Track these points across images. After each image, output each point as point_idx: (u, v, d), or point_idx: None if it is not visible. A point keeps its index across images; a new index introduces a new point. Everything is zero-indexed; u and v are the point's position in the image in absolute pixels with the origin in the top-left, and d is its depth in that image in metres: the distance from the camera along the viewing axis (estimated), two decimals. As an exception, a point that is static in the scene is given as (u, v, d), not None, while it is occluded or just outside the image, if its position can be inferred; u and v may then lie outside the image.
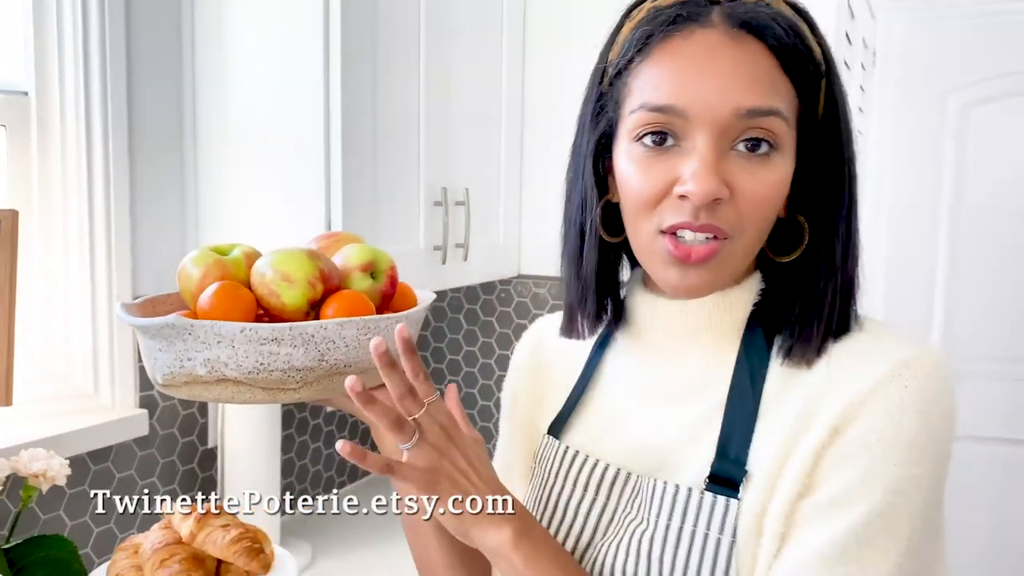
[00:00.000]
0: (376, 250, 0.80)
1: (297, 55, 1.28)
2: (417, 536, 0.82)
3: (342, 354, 0.70)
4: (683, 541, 0.64)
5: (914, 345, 0.64)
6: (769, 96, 0.62)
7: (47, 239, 1.27)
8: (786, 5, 0.67)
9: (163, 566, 1.03)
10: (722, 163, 0.62)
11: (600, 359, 0.78)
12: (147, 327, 0.69)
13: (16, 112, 1.23)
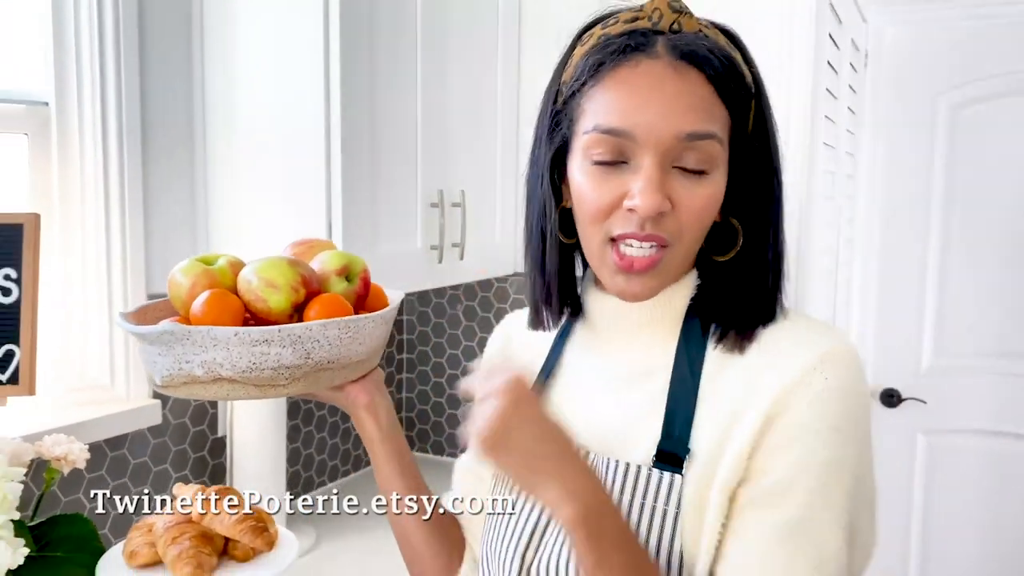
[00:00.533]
0: (350, 255, 0.88)
1: (298, 64, 1.35)
2: (400, 524, 0.91)
3: (325, 352, 0.77)
4: (633, 513, 0.70)
5: (832, 338, 0.71)
6: (706, 121, 0.69)
7: (66, 241, 1.35)
8: (721, 35, 0.74)
9: (175, 543, 1.11)
10: (665, 180, 0.69)
11: (561, 350, 0.85)
12: (147, 334, 0.76)
13: (37, 121, 1.32)
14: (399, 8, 1.46)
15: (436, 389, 2.07)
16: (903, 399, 2.57)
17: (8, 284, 1.21)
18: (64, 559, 1.11)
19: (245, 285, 0.81)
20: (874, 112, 2.52)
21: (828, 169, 1.99)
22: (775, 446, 0.68)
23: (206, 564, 1.10)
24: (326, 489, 1.85)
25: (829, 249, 2.12)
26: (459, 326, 2.02)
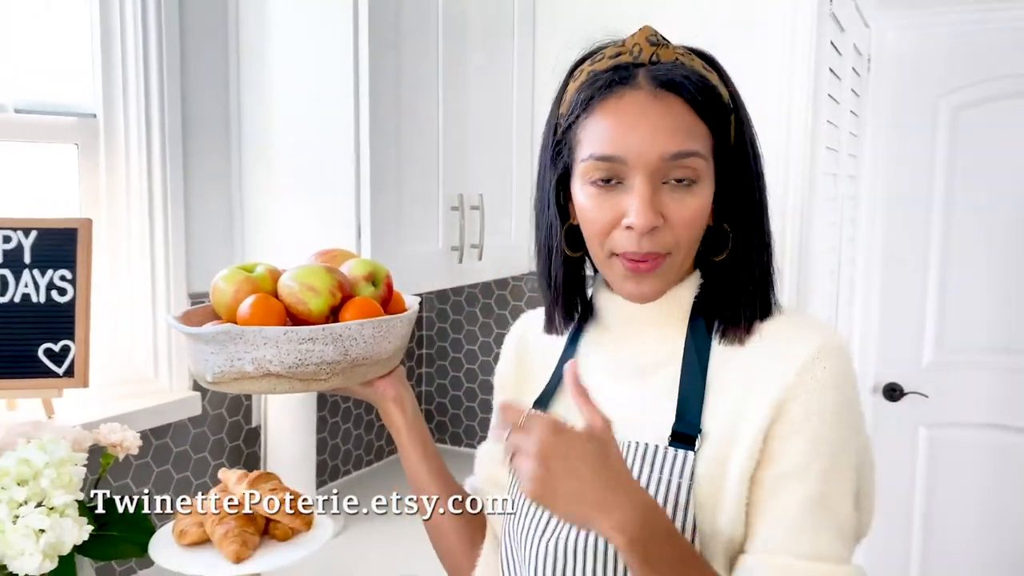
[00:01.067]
0: (375, 263, 0.97)
1: (329, 77, 1.44)
2: (420, 490, 0.98)
3: (361, 349, 0.86)
4: (651, 486, 0.79)
5: (824, 333, 0.81)
6: (688, 141, 0.78)
7: (113, 244, 1.44)
8: (698, 59, 0.83)
9: (221, 523, 1.21)
10: (656, 197, 0.78)
11: (575, 346, 0.93)
12: (203, 334, 0.84)
13: (86, 133, 1.41)
14: (422, 27, 1.54)
15: (454, 383, 2.16)
16: (905, 393, 2.65)
17: (64, 284, 1.31)
18: (120, 538, 1.21)
19: (287, 290, 0.90)
20: (876, 114, 2.60)
21: (830, 171, 2.07)
22: (788, 432, 0.77)
23: (250, 542, 1.20)
24: (351, 478, 1.95)
25: (832, 248, 2.20)
26: (476, 323, 2.11)
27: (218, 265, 1.53)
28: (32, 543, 1.02)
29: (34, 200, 1.40)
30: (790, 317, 0.84)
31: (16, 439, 1.15)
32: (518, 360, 1.01)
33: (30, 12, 1.37)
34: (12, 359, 1.28)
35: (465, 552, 0.98)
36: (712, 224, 0.84)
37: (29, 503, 1.04)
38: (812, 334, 0.80)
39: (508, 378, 1.01)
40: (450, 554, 0.99)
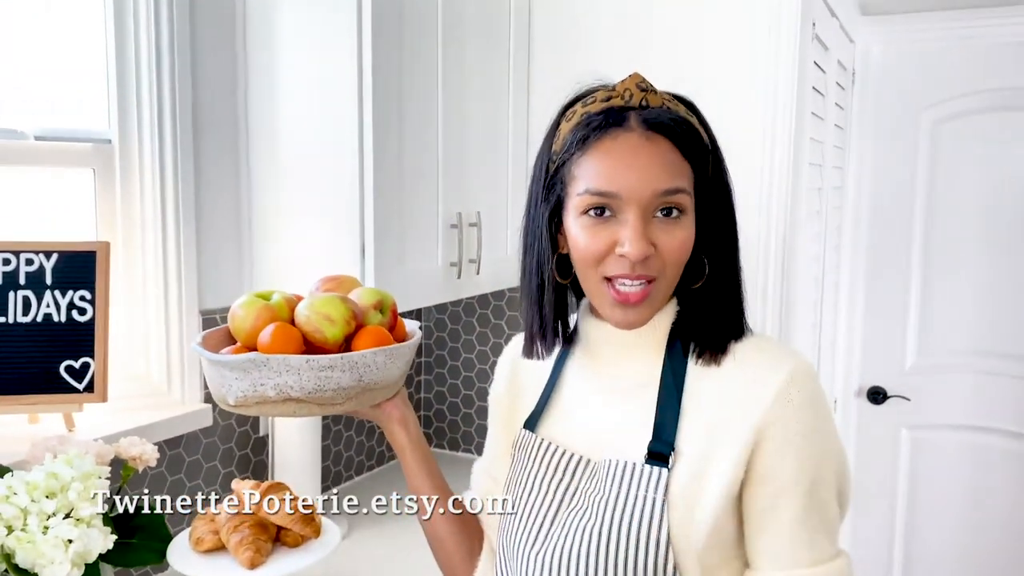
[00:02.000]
0: (381, 291, 1.02)
1: (335, 106, 1.50)
2: (436, 540, 1.05)
3: (374, 375, 0.93)
4: (628, 500, 0.86)
5: (793, 357, 0.88)
6: (675, 178, 0.85)
7: (130, 264, 1.51)
8: (681, 105, 0.90)
9: (236, 531, 1.28)
10: (647, 228, 0.85)
11: (562, 368, 1.00)
12: (229, 362, 0.88)
13: (102, 158, 1.48)
14: (423, 55, 1.61)
15: (452, 390, 2.24)
16: (888, 396, 2.73)
17: (84, 304, 1.38)
18: (139, 545, 1.28)
19: (304, 319, 0.95)
20: (861, 127, 2.67)
21: (815, 186, 2.15)
22: (772, 453, 0.84)
23: (263, 549, 1.27)
24: (354, 482, 2.02)
25: (816, 258, 2.28)
26: (473, 332, 2.19)
27: (229, 284, 1.61)
28: (62, 552, 1.09)
29: (53, 223, 1.47)
30: (760, 342, 0.91)
31: (43, 453, 1.22)
32: (511, 382, 1.07)
33: (48, 42, 1.44)
34: (35, 376, 1.35)
35: (464, 562, 1.04)
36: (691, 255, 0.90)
37: (58, 515, 1.11)
38: (783, 360, 0.87)
39: (502, 400, 1.07)
40: (449, 564, 1.05)
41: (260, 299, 0.99)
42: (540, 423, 0.99)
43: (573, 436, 0.95)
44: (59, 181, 1.47)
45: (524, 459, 0.97)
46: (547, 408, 0.99)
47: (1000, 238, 2.55)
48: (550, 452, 0.95)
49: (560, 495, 0.92)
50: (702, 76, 1.77)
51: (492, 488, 1.07)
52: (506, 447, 1.05)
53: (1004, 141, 2.51)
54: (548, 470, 0.94)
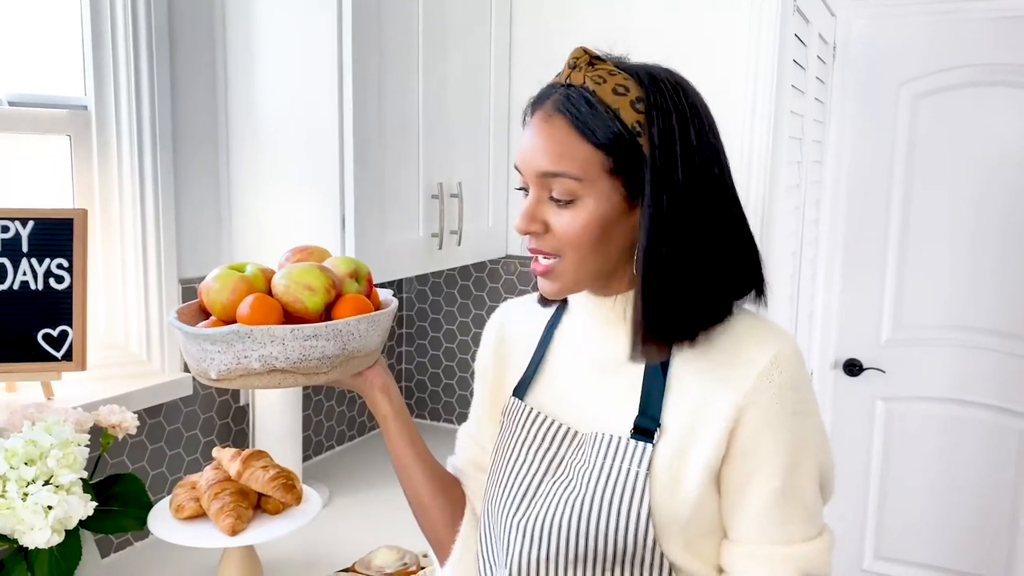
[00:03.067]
0: (356, 260, 1.02)
1: (314, 73, 1.49)
2: (408, 477, 1.05)
3: (357, 343, 0.92)
4: (612, 473, 0.87)
5: (780, 338, 0.88)
6: (558, 163, 0.83)
7: (107, 233, 1.50)
8: (619, 80, 0.84)
9: (216, 498, 1.29)
10: (540, 207, 0.86)
11: (551, 338, 1.01)
12: (212, 335, 0.87)
13: (79, 124, 1.46)
14: (404, 24, 1.60)
15: (434, 361, 2.25)
16: (864, 369, 2.77)
17: (61, 272, 1.37)
18: (119, 512, 1.28)
19: (283, 289, 0.93)
20: (841, 100, 2.69)
21: (794, 159, 2.16)
22: (751, 433, 0.85)
23: (244, 516, 1.28)
24: (335, 452, 2.03)
25: (795, 232, 2.29)
26: (455, 303, 2.19)
27: (207, 253, 1.60)
28: (42, 519, 1.09)
29: (29, 190, 1.45)
30: (749, 322, 0.90)
31: (21, 421, 1.22)
32: (497, 348, 1.07)
33: (22, 7, 1.42)
34: (13, 344, 1.35)
35: (447, 528, 1.05)
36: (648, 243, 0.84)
37: (37, 482, 1.11)
38: (769, 340, 0.87)
39: (488, 365, 1.08)
40: (432, 530, 1.06)
41: (234, 271, 0.97)
42: (528, 391, 0.99)
43: (561, 406, 0.96)
44: (35, 148, 1.45)
45: (511, 426, 0.98)
46: (535, 376, 1.00)
47: (977, 213, 2.58)
48: (537, 421, 0.95)
49: (546, 464, 0.93)
50: (683, 48, 1.77)
51: (477, 453, 1.08)
52: (491, 411, 1.06)
53: (981, 116, 2.53)
54: (535, 439, 0.95)
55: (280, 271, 0.97)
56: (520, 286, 2.09)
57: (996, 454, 2.65)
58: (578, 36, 1.92)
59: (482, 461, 1.07)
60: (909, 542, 2.80)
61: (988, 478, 2.67)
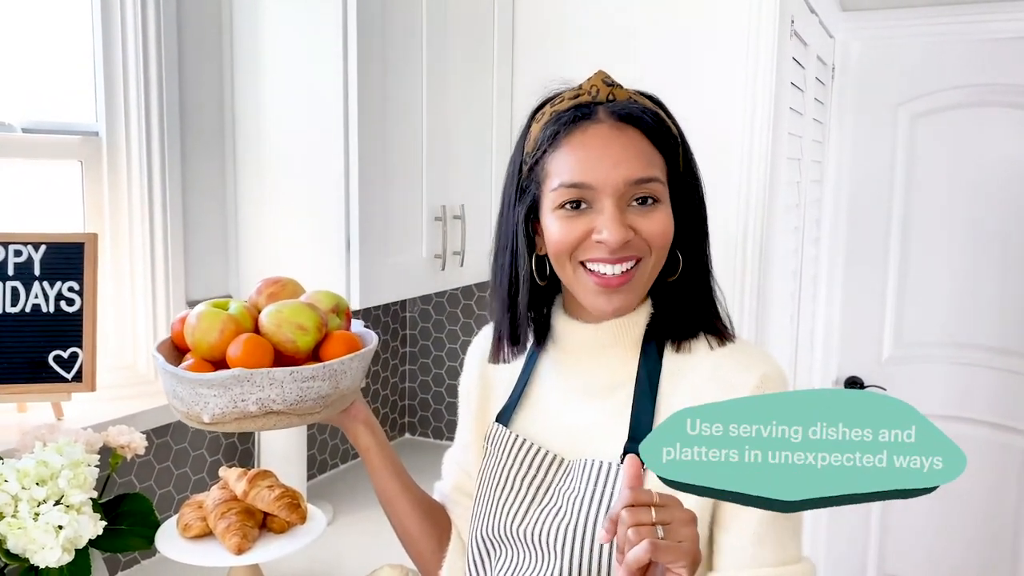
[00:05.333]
0: (335, 294, 1.01)
1: (320, 97, 1.53)
2: (393, 508, 1.06)
3: (348, 381, 0.93)
4: (603, 501, 0.87)
5: (767, 362, 0.90)
6: (647, 167, 0.87)
7: (117, 255, 1.53)
8: (648, 100, 0.92)
9: (223, 517, 1.31)
10: (624, 216, 0.87)
11: (534, 364, 1.01)
12: (211, 380, 0.85)
13: (90, 150, 1.49)
14: (407, 48, 1.63)
15: (436, 380, 2.27)
16: (865, 386, 2.79)
17: (71, 295, 1.40)
18: (127, 531, 1.30)
19: (274, 328, 0.92)
20: (840, 120, 2.72)
21: (793, 179, 2.19)
22: None
23: (250, 535, 1.30)
24: (338, 471, 2.05)
25: (795, 251, 2.32)
26: (457, 322, 2.22)
27: (215, 276, 1.63)
28: (52, 538, 1.11)
29: (40, 214, 1.49)
30: (737, 346, 0.93)
31: (32, 441, 1.25)
32: (481, 374, 1.07)
33: (36, 36, 1.45)
34: (24, 365, 1.37)
35: (434, 554, 1.06)
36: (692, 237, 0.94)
37: (48, 502, 1.14)
38: (755, 364, 0.89)
39: (472, 390, 1.08)
40: (420, 557, 1.07)
41: (219, 309, 0.96)
42: (513, 417, 1.00)
43: (547, 433, 0.96)
44: (47, 173, 1.49)
45: (496, 453, 0.98)
46: (520, 403, 1.00)
47: (975, 232, 2.60)
48: (523, 448, 0.96)
49: (532, 491, 0.94)
50: (682, 72, 1.80)
51: (463, 479, 1.09)
52: (476, 436, 1.06)
53: (977, 136, 2.56)
54: (520, 465, 0.95)
55: (268, 309, 0.95)
56: (522, 306, 2.11)
57: (997, 471, 2.66)
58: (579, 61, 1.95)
59: (468, 487, 1.08)
60: (912, 558, 2.80)
61: (989, 495, 2.68)
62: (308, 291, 1.02)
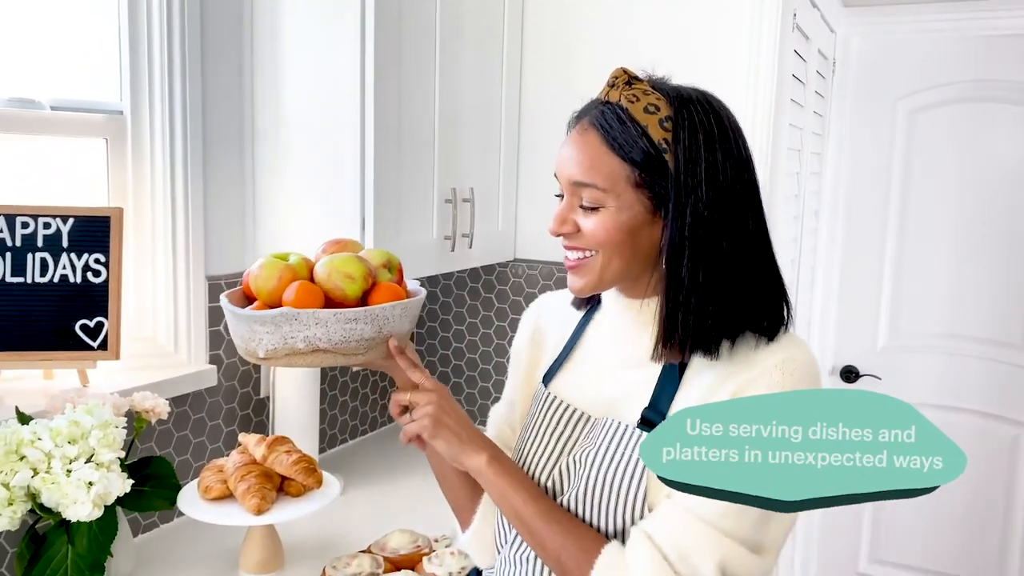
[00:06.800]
0: (388, 252, 1.09)
1: (338, 82, 1.58)
2: (446, 481, 1.12)
3: (391, 326, 1.00)
4: (615, 458, 0.94)
5: (796, 347, 0.92)
6: (587, 174, 0.91)
7: (140, 230, 1.59)
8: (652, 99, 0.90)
9: (243, 479, 1.37)
10: (571, 212, 0.94)
11: (583, 331, 1.08)
12: (262, 317, 0.94)
13: (115, 128, 1.55)
14: (423, 39, 1.69)
15: (443, 360, 2.33)
16: (860, 375, 2.85)
17: (98, 267, 1.46)
18: (151, 493, 1.36)
19: (325, 276, 1.00)
20: (840, 114, 2.77)
21: (793, 170, 2.24)
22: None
23: (268, 497, 1.36)
24: (348, 446, 2.11)
25: (794, 240, 2.38)
26: (464, 305, 2.28)
27: (234, 251, 1.69)
28: (84, 493, 1.17)
29: (67, 189, 1.54)
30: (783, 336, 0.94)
31: (62, 404, 1.30)
32: (533, 337, 1.15)
33: (65, 19, 1.51)
34: (52, 333, 1.43)
35: (468, 499, 1.11)
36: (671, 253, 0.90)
37: (79, 459, 1.20)
38: (783, 348, 0.92)
39: (523, 351, 1.16)
40: (456, 499, 1.13)
41: (279, 260, 1.04)
42: (554, 379, 1.08)
43: (580, 394, 1.03)
44: (74, 150, 1.54)
45: (535, 411, 1.07)
46: (563, 365, 1.08)
47: (970, 225, 2.66)
48: (558, 408, 1.04)
49: (561, 445, 1.02)
50: (686, 62, 1.86)
51: (505, 432, 1.16)
52: (522, 395, 1.14)
53: (974, 131, 2.62)
54: (554, 423, 1.03)
55: (321, 261, 1.03)
56: (528, 289, 2.17)
57: (987, 459, 2.72)
58: (585, 54, 2.01)
59: (508, 439, 1.15)
60: (903, 546, 2.87)
61: (980, 483, 2.74)
62: (365, 249, 1.09)
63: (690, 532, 0.88)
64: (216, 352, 1.68)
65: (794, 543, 2.97)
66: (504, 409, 1.18)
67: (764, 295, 0.93)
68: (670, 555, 0.88)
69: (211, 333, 1.66)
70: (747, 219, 0.92)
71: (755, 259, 0.93)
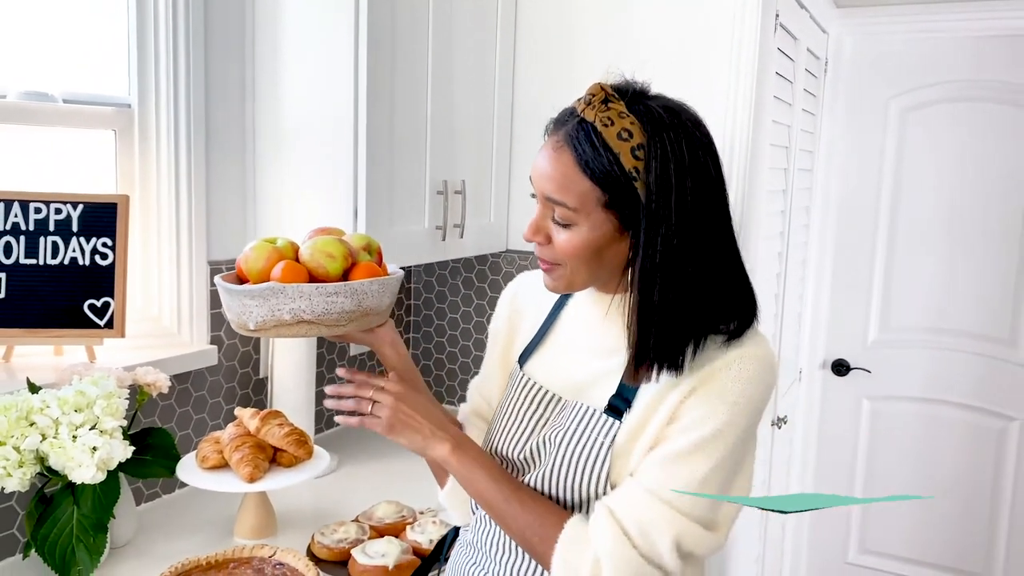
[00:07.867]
0: (368, 236, 1.18)
1: (333, 77, 1.66)
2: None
3: (370, 301, 1.07)
4: (582, 440, 1.01)
5: (756, 345, 0.98)
6: (559, 192, 0.95)
7: (146, 217, 1.68)
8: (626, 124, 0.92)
9: (237, 450, 1.46)
10: (544, 222, 0.99)
11: (557, 315, 1.14)
12: (251, 291, 1.02)
13: (123, 120, 1.64)
14: (416, 34, 1.77)
15: (438, 347, 2.41)
16: (851, 369, 2.91)
17: (105, 250, 1.55)
18: (152, 461, 1.46)
19: (308, 256, 1.08)
20: (832, 112, 2.83)
21: (779, 166, 2.31)
22: (688, 406, 0.94)
23: (261, 466, 1.45)
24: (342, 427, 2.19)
25: (781, 234, 2.44)
26: (458, 294, 2.36)
27: (234, 237, 1.78)
28: (88, 458, 1.26)
29: (77, 178, 1.64)
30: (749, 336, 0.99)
31: (70, 376, 1.40)
32: (510, 316, 1.21)
33: (76, 14, 1.60)
34: (62, 312, 1.53)
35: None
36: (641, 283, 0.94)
37: (85, 426, 1.29)
38: (743, 346, 0.97)
39: (501, 331, 1.22)
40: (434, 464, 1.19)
41: (268, 243, 1.13)
42: (530, 360, 1.14)
43: (554, 377, 1.10)
44: (84, 141, 1.63)
45: (511, 390, 1.14)
46: (538, 347, 1.14)
47: (959, 223, 2.71)
48: (532, 389, 1.10)
49: (533, 423, 1.09)
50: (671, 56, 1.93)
51: (481, 405, 1.23)
52: (499, 371, 1.21)
53: (965, 131, 2.67)
54: (526, 402, 1.10)
55: (305, 243, 1.12)
56: (519, 278, 2.25)
57: (975, 452, 2.78)
58: (577, 47, 2.08)
59: (484, 411, 1.22)
60: (892, 536, 2.92)
61: (967, 475, 2.79)
62: (347, 235, 1.18)
63: (650, 510, 0.94)
64: (217, 333, 1.77)
65: (784, 534, 3.03)
66: (480, 383, 1.25)
67: (732, 302, 0.98)
68: (630, 530, 0.94)
69: (212, 315, 1.75)
70: (716, 236, 0.96)
71: (723, 271, 0.97)
